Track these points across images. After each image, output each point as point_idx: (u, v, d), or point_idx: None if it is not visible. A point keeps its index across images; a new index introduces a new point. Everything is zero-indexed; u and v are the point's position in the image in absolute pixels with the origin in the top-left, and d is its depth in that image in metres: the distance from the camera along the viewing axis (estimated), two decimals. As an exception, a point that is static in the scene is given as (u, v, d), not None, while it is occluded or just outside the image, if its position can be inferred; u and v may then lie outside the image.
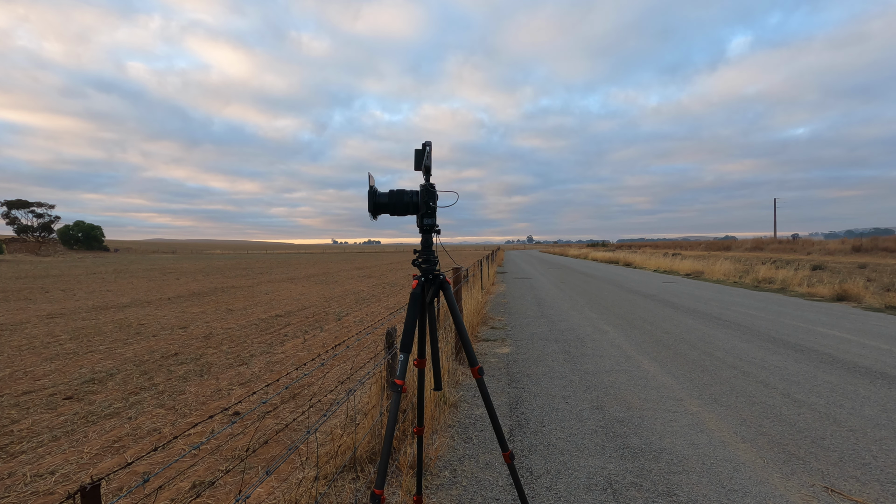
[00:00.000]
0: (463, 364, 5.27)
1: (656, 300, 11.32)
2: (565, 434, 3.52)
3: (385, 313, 10.45)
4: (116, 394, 5.03)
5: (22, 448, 3.73)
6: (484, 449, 3.29)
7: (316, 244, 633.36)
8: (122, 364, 6.24)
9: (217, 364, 6.20)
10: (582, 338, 6.96)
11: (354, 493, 2.60)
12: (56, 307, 11.89)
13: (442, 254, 1.98)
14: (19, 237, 67.04)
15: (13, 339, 7.92)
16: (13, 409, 4.61)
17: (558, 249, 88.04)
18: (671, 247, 58.73)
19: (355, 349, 6.72)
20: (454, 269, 6.51)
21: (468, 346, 1.84)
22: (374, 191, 1.74)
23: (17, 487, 3.12)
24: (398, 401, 1.62)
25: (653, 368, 5.27)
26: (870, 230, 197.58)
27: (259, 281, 20.44)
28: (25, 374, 5.78)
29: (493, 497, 2.68)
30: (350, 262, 42.08)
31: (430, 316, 1.90)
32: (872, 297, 10.99)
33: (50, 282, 19.88)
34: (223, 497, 2.96)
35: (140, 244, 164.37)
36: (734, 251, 41.72)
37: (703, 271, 19.89)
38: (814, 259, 28.29)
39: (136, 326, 9.10)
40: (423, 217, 1.74)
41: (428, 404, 3.50)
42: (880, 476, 2.86)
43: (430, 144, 1.71)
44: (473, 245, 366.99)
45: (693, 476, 2.87)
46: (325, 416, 2.81)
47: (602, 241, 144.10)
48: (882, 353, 5.94)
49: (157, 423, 4.20)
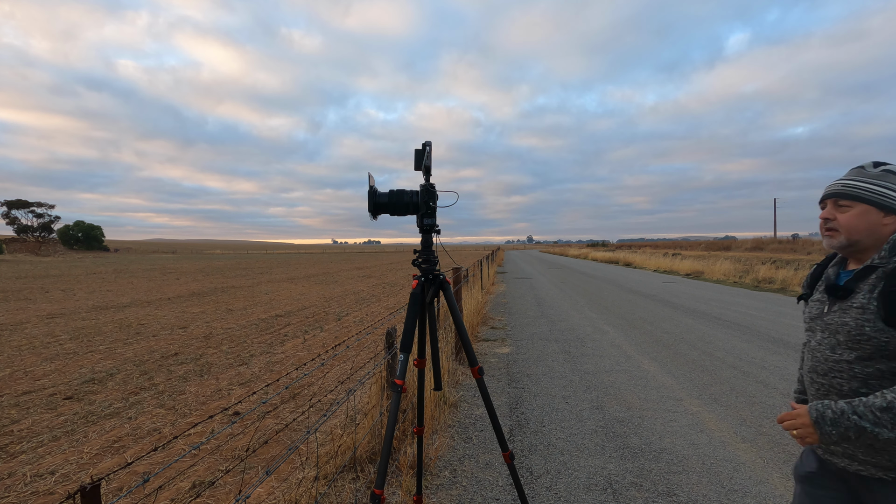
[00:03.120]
0: (463, 364, 5.27)
1: (656, 300, 11.32)
2: (565, 434, 3.52)
3: (385, 313, 10.46)
4: (116, 394, 5.03)
5: (22, 448, 3.73)
6: (484, 449, 3.29)
7: (316, 244, 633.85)
8: (122, 364, 6.24)
9: (217, 364, 6.20)
10: (582, 338, 6.96)
11: (354, 493, 2.60)
12: (56, 307, 11.90)
13: (442, 254, 1.97)
14: (19, 237, 67.07)
15: (13, 339, 7.92)
16: (13, 409, 4.61)
17: (558, 249, 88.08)
18: (671, 247, 58.76)
19: (355, 349, 6.73)
20: (454, 269, 6.51)
21: (468, 346, 1.84)
22: (374, 191, 1.74)
23: (17, 487, 3.12)
24: (398, 401, 1.62)
25: (653, 368, 5.27)
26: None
27: (259, 281, 20.44)
28: (25, 374, 5.78)
29: (493, 497, 2.68)
30: (350, 262, 42.10)
31: (430, 316, 1.90)
32: (872, 297, 10.98)
33: (50, 282, 19.89)
34: (223, 497, 2.96)
35: (140, 244, 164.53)
36: (734, 251, 41.73)
37: (703, 271, 19.90)
38: (814, 259, 28.30)
39: (136, 326, 9.10)
40: (423, 217, 1.74)
41: (428, 404, 3.50)
42: (880, 476, 2.86)
43: (429, 144, 1.71)
44: (473, 245, 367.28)
45: (693, 476, 2.87)
46: (325, 416, 2.81)
47: (602, 241, 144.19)
48: (882, 353, 5.94)
49: (157, 423, 4.20)
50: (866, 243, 1.26)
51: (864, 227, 1.25)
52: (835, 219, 1.30)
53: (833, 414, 1.16)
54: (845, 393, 1.23)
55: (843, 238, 1.28)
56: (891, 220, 1.24)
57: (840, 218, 1.28)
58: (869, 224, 1.24)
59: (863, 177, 1.28)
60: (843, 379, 1.24)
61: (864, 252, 1.28)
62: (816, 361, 1.32)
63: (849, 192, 1.27)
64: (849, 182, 1.29)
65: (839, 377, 1.25)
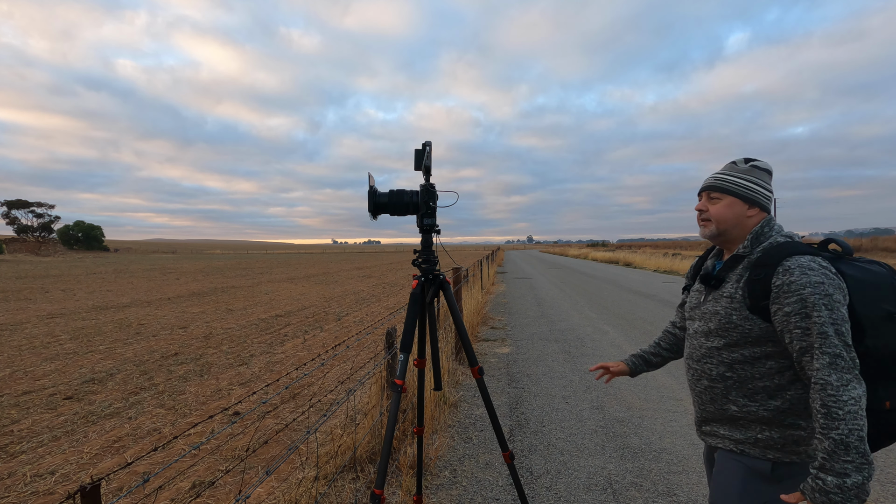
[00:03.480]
0: (463, 364, 5.27)
1: (656, 300, 11.32)
2: (565, 434, 3.52)
3: (385, 313, 10.46)
4: (116, 394, 5.03)
5: (22, 448, 3.73)
6: (484, 449, 3.29)
7: (316, 244, 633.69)
8: (122, 364, 6.25)
9: (217, 364, 6.20)
10: (582, 338, 6.96)
11: (354, 493, 2.60)
12: (56, 307, 11.90)
13: (442, 254, 1.97)
14: (19, 237, 67.05)
15: (13, 339, 7.92)
16: (13, 409, 4.61)
17: (558, 249, 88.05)
18: (671, 247, 58.74)
19: (355, 349, 6.73)
20: (454, 269, 6.51)
21: (468, 346, 1.84)
22: (375, 191, 1.74)
23: (17, 487, 3.12)
24: (398, 401, 1.62)
25: (653, 368, 5.28)
26: (870, 230, 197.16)
27: (259, 281, 20.44)
28: (25, 374, 5.78)
29: (493, 497, 2.68)
30: (350, 262, 42.10)
31: (430, 316, 1.90)
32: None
33: (50, 282, 19.89)
34: (223, 497, 2.96)
35: (140, 244, 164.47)
36: (734, 251, 41.65)
37: (703, 271, 19.86)
38: (814, 259, 28.29)
39: (136, 326, 9.10)
40: (423, 217, 1.74)
41: (428, 404, 3.50)
42: (880, 476, 2.86)
43: (429, 144, 1.71)
44: (473, 245, 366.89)
45: (693, 476, 2.87)
46: (325, 416, 2.81)
47: (602, 241, 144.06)
48: (882, 353, 5.95)
49: (157, 423, 4.20)
50: (734, 234, 1.35)
51: (731, 217, 1.33)
52: (707, 210, 1.38)
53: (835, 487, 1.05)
54: (713, 377, 1.33)
55: (713, 227, 1.37)
56: (755, 213, 1.32)
57: (711, 209, 1.37)
58: (735, 215, 1.33)
59: (733, 171, 1.36)
60: (712, 364, 1.33)
61: (733, 242, 1.37)
62: (692, 349, 1.41)
63: (718, 185, 1.36)
64: (720, 176, 1.38)
65: (709, 363, 1.34)
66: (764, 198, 1.34)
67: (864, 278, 1.19)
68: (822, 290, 1.13)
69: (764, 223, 1.32)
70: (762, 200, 1.33)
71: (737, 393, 1.29)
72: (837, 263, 1.22)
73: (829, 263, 1.20)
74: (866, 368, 1.17)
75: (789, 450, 1.24)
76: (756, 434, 1.27)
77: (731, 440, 1.32)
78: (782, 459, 1.25)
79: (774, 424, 1.25)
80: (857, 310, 1.16)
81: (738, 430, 1.30)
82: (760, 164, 1.36)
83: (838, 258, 1.25)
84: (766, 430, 1.26)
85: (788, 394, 1.23)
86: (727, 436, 1.33)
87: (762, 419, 1.26)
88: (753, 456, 1.28)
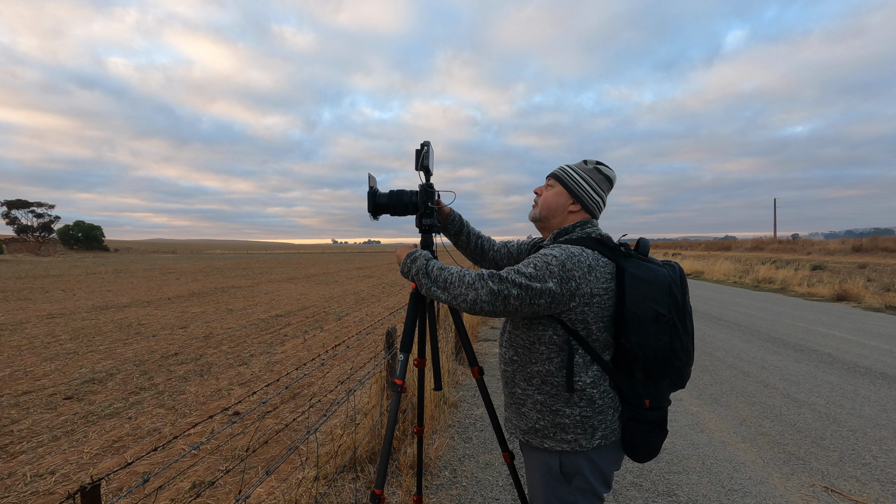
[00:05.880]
0: (463, 364, 5.27)
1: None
2: (565, 434, 3.51)
3: (385, 313, 10.46)
4: (116, 394, 5.03)
5: (22, 448, 3.73)
6: (484, 449, 3.29)
7: (315, 244, 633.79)
8: (122, 364, 6.24)
9: (217, 364, 6.20)
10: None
11: (354, 493, 2.60)
12: (56, 307, 11.89)
13: (442, 254, 1.98)
14: (19, 237, 67.09)
15: (13, 339, 7.92)
16: (13, 409, 4.61)
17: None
18: (671, 247, 58.74)
19: (355, 349, 6.73)
20: (454, 269, 6.50)
21: (468, 346, 1.84)
22: (375, 191, 1.74)
23: (17, 487, 3.12)
24: (398, 401, 1.62)
25: (653, 368, 5.27)
26: (870, 230, 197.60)
27: (259, 281, 20.44)
28: (25, 374, 5.78)
29: (493, 497, 2.68)
30: (350, 262, 42.09)
31: (430, 316, 1.90)
32: (872, 297, 11.00)
33: (50, 282, 19.89)
34: (223, 497, 2.96)
35: (139, 244, 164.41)
36: (734, 251, 41.71)
37: (703, 271, 19.90)
38: (814, 259, 28.30)
39: (136, 326, 9.10)
40: (423, 217, 1.74)
41: (428, 404, 3.50)
42: (880, 476, 2.86)
43: (428, 144, 1.71)
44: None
45: (693, 476, 2.87)
46: (325, 416, 2.81)
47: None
48: (882, 353, 5.95)
49: (157, 423, 4.20)
50: (552, 223, 1.40)
51: (554, 205, 1.39)
52: (540, 194, 1.44)
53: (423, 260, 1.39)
54: (506, 360, 1.41)
55: (537, 211, 1.43)
56: (577, 209, 1.37)
57: (543, 194, 1.43)
58: (558, 204, 1.38)
59: (576, 166, 1.41)
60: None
61: (549, 231, 1.43)
62: (503, 332, 1.48)
63: (556, 174, 1.41)
64: (564, 167, 1.42)
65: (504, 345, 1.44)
66: (590, 198, 1.36)
67: (643, 277, 1.20)
68: (566, 252, 1.20)
69: (578, 223, 1.35)
70: (587, 200, 1.35)
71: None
72: (621, 260, 1.24)
73: (607, 259, 1.24)
74: (628, 365, 1.21)
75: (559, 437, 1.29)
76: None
77: (520, 430, 1.40)
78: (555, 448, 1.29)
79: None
80: (627, 304, 1.19)
81: (522, 418, 1.39)
82: (604, 170, 1.38)
83: (626, 256, 1.26)
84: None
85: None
86: (518, 426, 1.43)
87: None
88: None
